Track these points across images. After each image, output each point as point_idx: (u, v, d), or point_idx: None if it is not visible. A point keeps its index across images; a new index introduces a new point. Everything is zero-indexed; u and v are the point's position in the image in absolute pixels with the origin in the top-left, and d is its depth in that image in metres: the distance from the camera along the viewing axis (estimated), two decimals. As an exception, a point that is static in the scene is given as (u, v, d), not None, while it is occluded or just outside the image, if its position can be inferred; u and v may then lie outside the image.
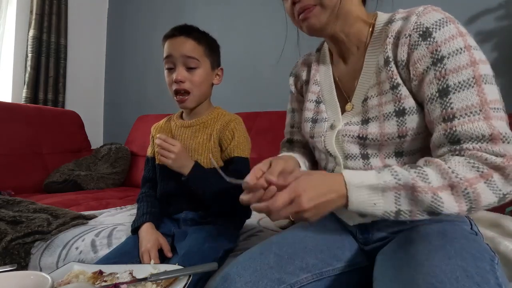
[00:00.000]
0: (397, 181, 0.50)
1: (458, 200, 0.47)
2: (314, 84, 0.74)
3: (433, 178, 0.49)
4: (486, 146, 0.49)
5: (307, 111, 0.74)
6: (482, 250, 0.46)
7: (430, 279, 0.39)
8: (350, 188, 0.51)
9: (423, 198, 0.48)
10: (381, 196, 0.50)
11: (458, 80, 0.51)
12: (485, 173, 0.47)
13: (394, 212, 0.50)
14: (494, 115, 0.50)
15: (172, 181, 0.97)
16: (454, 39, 0.52)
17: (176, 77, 0.89)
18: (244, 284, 0.50)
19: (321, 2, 0.59)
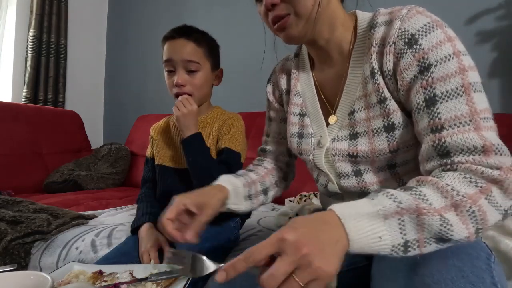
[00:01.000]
0: (397, 204, 0.43)
1: (464, 222, 0.42)
2: (296, 95, 0.71)
3: (433, 198, 0.43)
4: (479, 158, 0.45)
5: (292, 126, 0.70)
6: (478, 249, 0.46)
7: (426, 279, 0.39)
8: (345, 219, 0.42)
9: (430, 222, 0.41)
10: (383, 223, 0.42)
11: (446, 89, 0.48)
12: (484, 188, 0.43)
13: (402, 245, 0.42)
14: (484, 126, 0.47)
15: (172, 181, 0.97)
16: (442, 45, 0.49)
17: (177, 81, 0.89)
18: (240, 284, 0.50)
19: (295, 11, 0.56)
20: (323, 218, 0.43)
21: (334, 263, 0.40)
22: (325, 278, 0.39)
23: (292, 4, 0.56)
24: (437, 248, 0.43)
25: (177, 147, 0.99)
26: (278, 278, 0.38)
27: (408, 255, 0.42)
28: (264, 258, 0.40)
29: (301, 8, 0.56)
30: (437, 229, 0.41)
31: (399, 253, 0.42)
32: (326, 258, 0.40)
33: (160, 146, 1.02)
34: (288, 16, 0.57)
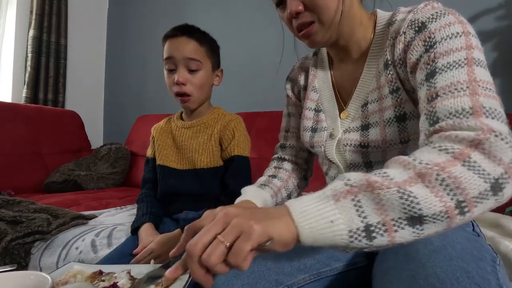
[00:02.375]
0: (346, 182, 0.39)
1: (435, 192, 0.36)
2: (313, 91, 0.72)
3: (394, 173, 0.39)
4: (460, 121, 0.41)
5: (306, 120, 0.72)
6: (483, 251, 0.45)
7: (431, 279, 0.39)
8: (290, 204, 0.39)
9: (387, 196, 0.36)
10: (335, 206, 0.37)
11: (448, 61, 0.46)
12: (457, 153, 0.38)
13: (363, 230, 0.36)
14: (483, 93, 0.42)
15: (173, 182, 0.97)
16: (451, 25, 0.48)
17: (178, 79, 0.89)
18: (242, 286, 0.50)
19: (319, 19, 0.57)
20: (270, 208, 0.41)
21: (265, 224, 0.37)
22: (250, 232, 0.36)
23: (316, 12, 0.57)
24: (416, 236, 0.37)
25: (178, 148, 0.99)
26: (202, 240, 0.37)
27: (376, 243, 0.37)
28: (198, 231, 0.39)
29: (325, 16, 0.57)
30: (399, 205, 0.36)
31: (362, 240, 0.36)
32: (253, 218, 0.37)
33: (162, 147, 1.01)
34: (313, 23, 0.58)
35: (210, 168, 0.95)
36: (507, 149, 0.38)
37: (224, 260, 0.37)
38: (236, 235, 0.37)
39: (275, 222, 0.38)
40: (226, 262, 0.37)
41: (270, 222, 0.37)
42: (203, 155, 0.95)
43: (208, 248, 0.37)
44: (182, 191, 0.96)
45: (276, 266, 0.54)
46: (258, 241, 0.36)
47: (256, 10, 1.98)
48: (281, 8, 0.63)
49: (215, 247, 0.36)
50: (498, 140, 0.38)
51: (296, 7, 0.57)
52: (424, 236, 0.37)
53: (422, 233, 0.37)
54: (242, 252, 0.36)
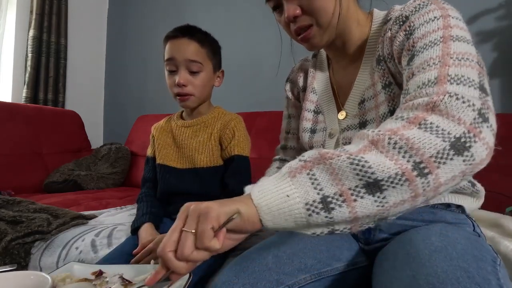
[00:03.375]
0: (300, 159, 0.40)
1: (390, 156, 0.36)
2: (312, 93, 0.73)
3: (350, 146, 0.40)
4: (421, 91, 0.41)
5: (305, 121, 0.73)
6: (484, 251, 0.45)
7: (431, 279, 0.39)
8: (252, 188, 0.41)
9: (339, 164, 0.36)
10: (291, 182, 0.38)
11: (424, 42, 0.46)
12: (412, 118, 0.38)
13: (320, 202, 0.36)
14: (454, 63, 0.42)
15: (173, 181, 0.97)
16: (430, 12, 0.49)
17: (179, 80, 0.89)
18: (242, 285, 0.50)
19: (317, 22, 0.58)
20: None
21: (222, 204, 0.39)
22: (206, 213, 0.38)
23: (313, 15, 0.57)
24: (380, 205, 0.36)
25: (178, 147, 0.99)
26: (170, 239, 0.39)
27: (336, 215, 0.36)
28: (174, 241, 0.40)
29: (323, 19, 0.57)
30: (351, 172, 0.36)
31: (321, 213, 0.36)
32: (208, 202, 0.39)
33: (162, 146, 1.01)
34: (311, 27, 0.58)
35: (210, 167, 0.95)
36: (465, 108, 0.37)
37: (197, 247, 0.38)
38: (196, 220, 0.38)
39: (235, 202, 0.40)
40: (198, 247, 0.38)
41: (229, 202, 0.40)
42: (203, 154, 0.95)
43: (179, 243, 0.38)
44: (182, 190, 0.96)
45: (277, 266, 0.54)
46: (216, 218, 0.38)
47: (256, 10, 1.98)
48: (278, 12, 0.63)
49: (183, 239, 0.38)
50: (453, 100, 0.38)
51: (294, 11, 0.57)
52: (390, 205, 0.36)
53: (386, 201, 0.36)
54: (205, 233, 0.37)
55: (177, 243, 0.39)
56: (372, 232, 0.64)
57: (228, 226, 0.39)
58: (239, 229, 0.40)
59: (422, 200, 0.38)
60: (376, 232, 0.63)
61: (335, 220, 0.37)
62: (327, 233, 0.40)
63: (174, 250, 0.39)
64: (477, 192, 0.61)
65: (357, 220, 0.38)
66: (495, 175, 1.07)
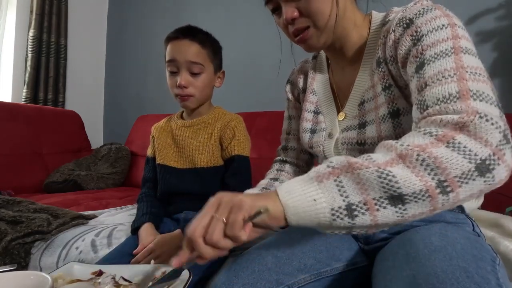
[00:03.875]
0: (328, 164, 0.41)
1: (416, 172, 0.37)
2: (312, 94, 0.74)
3: (378, 156, 0.40)
4: (447, 105, 0.41)
5: (305, 122, 0.73)
6: (483, 251, 0.45)
7: (431, 279, 0.39)
8: (278, 187, 0.43)
9: (367, 176, 0.38)
10: (318, 186, 0.40)
11: (435, 51, 0.47)
12: (440, 135, 0.38)
13: (345, 209, 0.38)
14: (471, 77, 0.42)
15: (173, 181, 0.97)
16: (437, 19, 0.49)
17: (180, 82, 0.89)
18: (242, 285, 0.50)
19: (314, 23, 0.58)
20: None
21: (253, 198, 0.42)
22: (240, 205, 0.41)
23: (311, 17, 0.58)
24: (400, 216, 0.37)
25: (178, 147, 0.99)
26: (201, 223, 0.41)
27: (358, 222, 0.38)
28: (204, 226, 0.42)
29: (320, 21, 0.58)
30: (377, 184, 0.37)
31: (344, 218, 0.38)
32: (241, 195, 0.42)
33: (162, 146, 1.02)
34: (308, 28, 0.59)
35: (210, 167, 0.95)
36: (493, 130, 0.38)
37: (226, 235, 0.41)
38: (228, 210, 0.41)
39: (264, 198, 0.42)
40: (227, 236, 0.41)
41: (259, 198, 0.42)
42: (203, 154, 0.95)
43: (209, 228, 0.41)
44: (182, 190, 0.96)
45: (277, 266, 0.54)
46: (248, 211, 0.41)
47: (256, 10, 1.97)
48: (277, 14, 0.64)
49: (214, 225, 0.41)
50: (483, 121, 0.38)
51: (292, 13, 0.58)
52: (409, 216, 0.38)
53: (406, 213, 0.38)
54: (236, 222, 0.40)
55: (206, 229, 0.41)
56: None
57: (255, 220, 0.41)
58: (264, 224, 0.42)
59: (438, 211, 0.40)
60: (376, 232, 0.63)
61: (357, 225, 0.39)
62: (344, 233, 0.42)
63: (203, 236, 0.42)
64: (477, 192, 0.61)
65: (376, 227, 0.40)
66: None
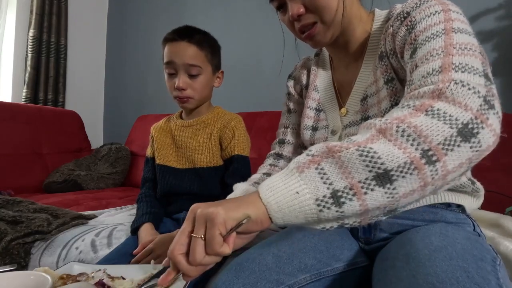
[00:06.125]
0: (307, 153, 0.39)
1: (398, 145, 0.35)
2: (314, 90, 0.73)
3: (358, 136, 0.39)
4: (426, 79, 0.41)
5: (307, 119, 0.73)
6: (484, 251, 0.45)
7: (431, 279, 0.39)
8: (260, 187, 0.40)
9: (348, 156, 0.36)
10: (300, 177, 0.37)
11: (426, 35, 0.47)
12: (418, 105, 0.38)
13: (330, 197, 0.36)
14: (458, 52, 0.42)
15: (172, 181, 0.97)
16: (431, 7, 0.50)
17: (178, 84, 0.88)
18: (242, 285, 0.50)
19: (321, 19, 0.58)
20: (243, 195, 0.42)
21: (229, 207, 0.38)
22: (212, 219, 0.37)
23: (317, 13, 0.58)
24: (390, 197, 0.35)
25: (178, 147, 0.99)
26: (179, 242, 0.39)
27: (346, 209, 0.36)
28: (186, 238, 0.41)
29: (327, 16, 0.58)
30: (360, 164, 0.35)
31: (332, 207, 0.36)
32: (218, 205, 0.39)
33: (161, 146, 1.01)
34: (316, 24, 0.59)
35: (210, 167, 0.95)
36: (471, 95, 0.37)
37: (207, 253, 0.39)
38: (204, 225, 0.38)
39: (241, 204, 0.39)
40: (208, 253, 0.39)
41: (235, 205, 0.39)
42: (203, 154, 0.95)
43: (190, 249, 0.39)
44: (182, 190, 0.96)
45: (277, 266, 0.54)
46: (223, 224, 0.38)
47: (256, 10, 1.98)
48: (282, 11, 0.64)
49: (193, 244, 0.39)
50: (459, 86, 0.38)
51: (298, 9, 0.58)
52: (400, 196, 0.36)
53: (396, 192, 0.36)
54: (214, 239, 0.38)
55: (186, 246, 0.39)
56: (373, 232, 0.64)
57: (238, 230, 0.39)
58: (248, 231, 0.40)
59: (431, 190, 0.37)
60: (377, 232, 0.63)
61: (346, 214, 0.37)
62: (337, 227, 0.39)
63: (184, 253, 0.40)
64: (477, 190, 0.61)
65: (367, 213, 0.38)
66: (496, 175, 1.06)
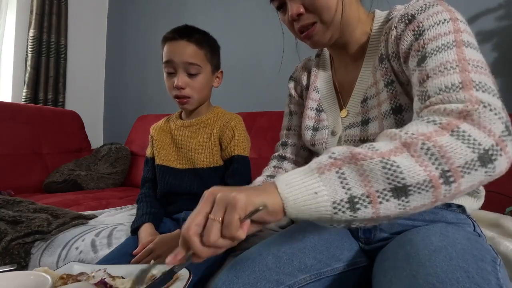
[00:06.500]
0: (330, 155, 0.39)
1: (420, 162, 0.36)
2: (314, 91, 0.74)
3: (381, 145, 0.39)
4: (450, 95, 0.40)
5: (308, 119, 0.73)
6: (484, 251, 0.45)
7: (431, 279, 0.39)
8: (277, 178, 0.41)
9: (370, 167, 0.36)
10: (320, 178, 0.38)
11: (437, 44, 0.47)
12: (444, 124, 0.38)
13: (347, 201, 0.37)
14: (473, 69, 0.42)
15: (172, 181, 0.97)
16: (439, 13, 0.49)
17: (177, 83, 0.88)
18: (242, 285, 0.50)
19: (321, 19, 0.58)
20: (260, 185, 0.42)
21: (249, 194, 0.39)
22: (234, 203, 0.38)
23: (317, 13, 0.58)
24: (402, 208, 0.36)
25: (177, 147, 0.99)
26: (194, 221, 0.39)
27: (360, 215, 0.36)
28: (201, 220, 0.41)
29: (326, 16, 0.58)
30: (382, 175, 0.36)
31: (346, 212, 0.36)
32: (238, 190, 0.39)
33: (161, 146, 1.01)
34: (315, 24, 0.59)
35: (210, 167, 0.95)
36: (496, 120, 0.38)
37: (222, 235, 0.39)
38: (223, 209, 0.39)
39: (261, 193, 0.40)
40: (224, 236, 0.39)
41: (256, 193, 0.40)
42: (203, 154, 0.95)
43: (205, 229, 0.39)
44: (182, 191, 0.96)
45: (277, 266, 0.54)
46: (243, 209, 0.38)
47: (256, 10, 1.98)
48: (282, 11, 0.64)
49: (209, 226, 0.39)
50: (487, 110, 0.38)
51: (297, 9, 0.58)
52: (410, 208, 0.37)
53: (408, 205, 0.37)
54: (232, 223, 0.38)
55: (201, 226, 0.40)
56: (373, 232, 0.64)
57: (253, 217, 0.40)
58: (263, 220, 0.41)
59: (438, 204, 0.38)
60: (377, 232, 0.63)
61: (358, 218, 0.38)
62: (344, 226, 0.40)
63: (198, 233, 0.40)
64: (478, 191, 0.61)
65: (377, 220, 0.39)
66: (495, 175, 1.06)
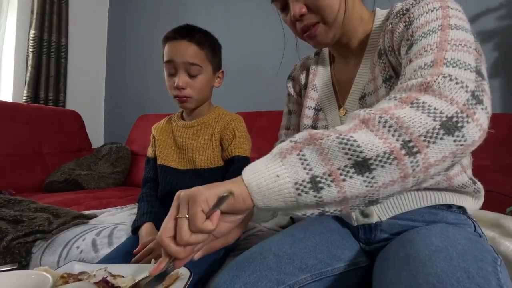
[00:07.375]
0: (291, 139, 0.40)
1: (379, 135, 0.36)
2: (313, 90, 0.73)
3: (342, 126, 0.40)
4: (416, 73, 0.41)
5: (306, 118, 0.73)
6: (484, 252, 0.45)
7: (431, 279, 0.39)
8: (243, 170, 0.42)
9: (328, 144, 0.37)
10: (282, 162, 0.38)
11: (423, 31, 0.47)
12: (404, 98, 0.38)
13: (309, 181, 0.37)
14: (452, 48, 0.42)
15: (173, 182, 0.97)
16: (430, 3, 0.50)
17: (177, 83, 0.88)
18: (243, 285, 0.50)
19: (323, 19, 0.58)
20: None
21: (212, 186, 0.40)
22: (194, 196, 0.39)
23: (319, 13, 0.58)
24: (369, 185, 0.36)
25: (179, 148, 0.99)
26: (166, 227, 0.41)
27: (324, 195, 0.36)
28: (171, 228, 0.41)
29: (329, 16, 0.58)
30: (340, 151, 0.36)
31: (310, 192, 0.37)
32: (197, 187, 0.40)
33: (162, 146, 1.01)
34: (317, 24, 0.59)
35: (211, 168, 0.95)
36: (458, 89, 0.37)
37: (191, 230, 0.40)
38: (187, 206, 0.40)
39: (226, 184, 0.41)
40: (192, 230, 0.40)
41: (220, 184, 0.41)
42: (204, 155, 0.95)
43: (177, 230, 0.40)
44: (183, 191, 0.96)
45: (278, 265, 0.54)
46: (204, 201, 0.39)
47: (257, 10, 1.98)
48: (284, 12, 0.64)
49: (179, 225, 0.40)
50: (446, 80, 0.38)
51: (300, 9, 0.58)
52: (379, 186, 0.37)
53: (375, 181, 0.36)
54: (195, 216, 0.39)
55: (173, 229, 0.41)
56: (373, 232, 0.64)
57: (222, 207, 0.40)
58: (232, 209, 0.41)
59: (413, 182, 0.38)
60: (377, 232, 0.63)
61: (324, 200, 0.37)
62: (318, 214, 0.40)
63: (171, 236, 0.41)
64: (478, 191, 0.61)
65: (347, 201, 0.38)
66: (496, 175, 1.06)
